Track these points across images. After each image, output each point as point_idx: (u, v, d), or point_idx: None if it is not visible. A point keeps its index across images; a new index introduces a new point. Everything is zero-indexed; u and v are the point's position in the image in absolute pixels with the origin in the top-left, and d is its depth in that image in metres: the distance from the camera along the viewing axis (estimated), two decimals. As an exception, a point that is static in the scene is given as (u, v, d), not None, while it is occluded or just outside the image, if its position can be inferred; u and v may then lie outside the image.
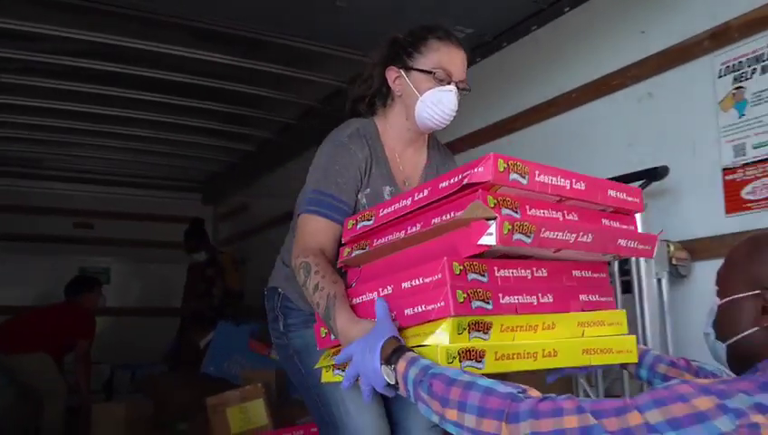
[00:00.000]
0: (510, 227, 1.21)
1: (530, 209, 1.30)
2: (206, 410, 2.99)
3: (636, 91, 2.66)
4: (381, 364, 1.24)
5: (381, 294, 1.39)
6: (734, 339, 1.18)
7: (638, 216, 2.32)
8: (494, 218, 1.21)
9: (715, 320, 1.23)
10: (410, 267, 1.36)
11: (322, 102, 4.59)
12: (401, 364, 1.21)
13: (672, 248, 2.35)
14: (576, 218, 1.39)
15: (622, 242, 1.44)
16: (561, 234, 1.30)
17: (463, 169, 1.28)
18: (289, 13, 3.15)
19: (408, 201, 1.40)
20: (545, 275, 1.40)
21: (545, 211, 1.34)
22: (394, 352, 1.24)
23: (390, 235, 1.45)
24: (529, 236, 1.24)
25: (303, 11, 3.13)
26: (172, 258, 6.21)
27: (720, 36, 2.36)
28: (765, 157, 2.21)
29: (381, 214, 1.47)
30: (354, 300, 1.46)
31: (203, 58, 3.82)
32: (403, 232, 1.42)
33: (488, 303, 1.29)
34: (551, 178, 1.31)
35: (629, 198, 1.49)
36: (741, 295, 1.18)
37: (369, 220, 1.52)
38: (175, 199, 6.75)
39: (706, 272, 2.35)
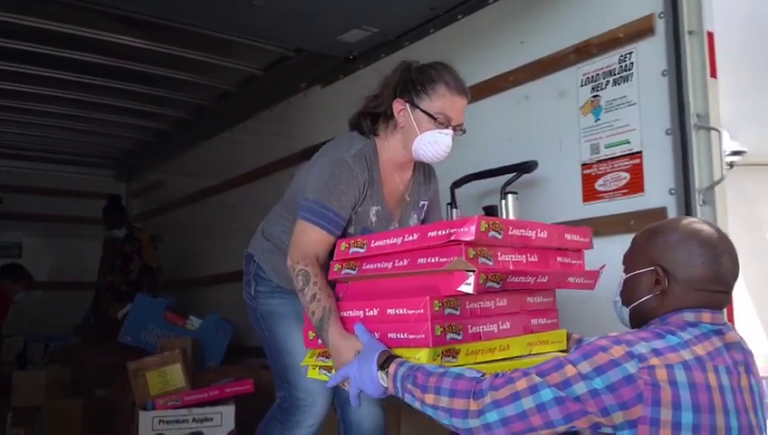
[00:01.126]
0: (485, 277, 1.51)
1: (501, 256, 1.58)
2: (127, 375, 3.23)
3: (515, 93, 3.03)
4: (377, 370, 1.53)
5: (367, 314, 1.66)
6: (635, 304, 1.48)
7: (512, 200, 2.74)
8: (474, 271, 1.50)
9: (621, 290, 1.53)
10: (395, 296, 1.62)
11: (237, 87, 4.82)
12: (393, 366, 1.51)
13: (538, 231, 2.76)
14: (536, 259, 1.68)
15: (571, 279, 1.78)
16: (523, 278, 1.62)
17: (449, 225, 1.55)
18: (208, 6, 3.37)
19: (399, 241, 1.65)
20: (505, 304, 1.70)
21: (513, 256, 1.62)
22: (386, 359, 1.53)
23: (379, 263, 1.69)
24: (498, 284, 1.55)
25: (222, 5, 3.36)
26: (84, 233, 6.30)
27: (582, 51, 2.76)
28: (614, 155, 2.64)
29: (373, 245, 1.70)
30: (341, 313, 1.73)
31: (121, 42, 3.97)
32: (390, 264, 1.67)
33: (459, 334, 1.58)
34: (520, 231, 1.61)
35: (581, 239, 1.82)
36: (640, 271, 1.46)
37: (361, 248, 1.74)
38: (88, 175, 6.78)
39: (567, 251, 2.80)
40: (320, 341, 1.75)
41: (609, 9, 2.67)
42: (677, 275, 1.39)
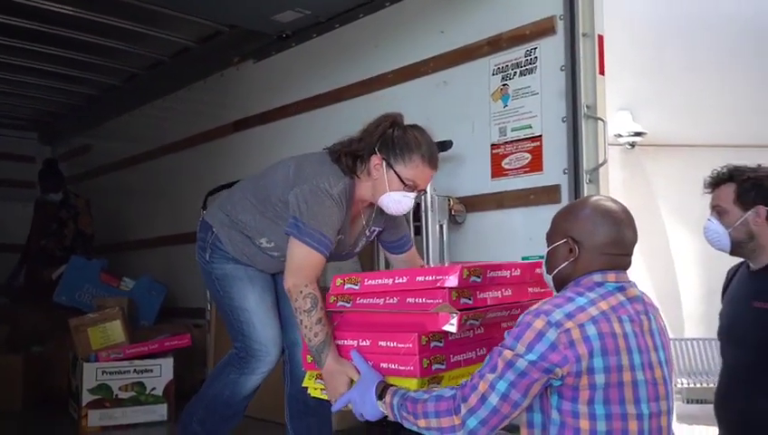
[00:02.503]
0: (467, 317, 1.75)
1: (480, 294, 1.82)
2: (68, 330, 3.43)
3: (435, 78, 3.36)
4: (377, 400, 1.76)
5: (360, 344, 1.88)
6: (555, 271, 1.72)
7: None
8: (457, 314, 1.73)
9: (545, 260, 1.78)
10: (386, 330, 1.84)
11: (170, 57, 4.95)
12: (388, 397, 1.73)
13: (452, 202, 3.11)
14: (510, 293, 1.91)
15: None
16: (499, 313, 1.86)
17: (436, 271, 1.80)
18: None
19: (390, 281, 1.87)
20: (482, 332, 1.93)
21: (490, 292, 1.84)
22: (383, 390, 1.77)
23: (371, 299, 1.91)
24: (478, 321, 1.81)
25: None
26: (6, 196, 6.28)
27: (494, 44, 3.12)
28: (518, 138, 3.02)
29: (366, 283, 1.92)
30: (335, 341, 1.95)
31: (49, 8, 4.00)
32: (382, 300, 1.88)
33: (443, 363, 1.81)
34: (496, 272, 1.86)
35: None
36: (557, 244, 1.71)
37: (355, 285, 1.94)
38: (9, 137, 6.72)
39: (476, 221, 3.18)
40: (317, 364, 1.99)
41: (518, 8, 3.03)
42: (585, 243, 1.66)
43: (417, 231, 3.08)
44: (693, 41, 8.71)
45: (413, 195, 2.15)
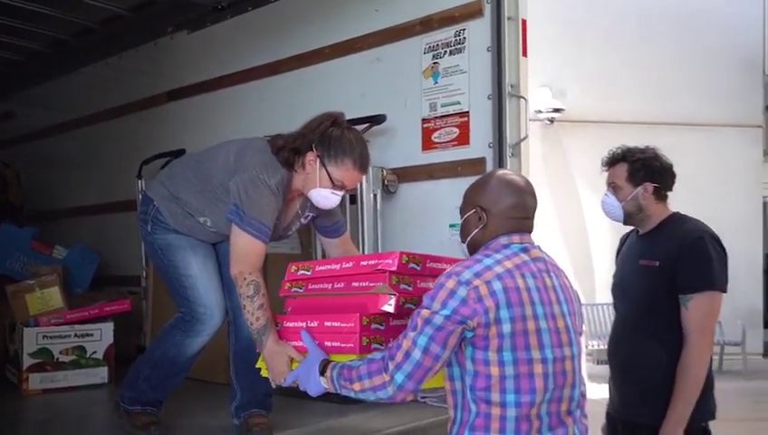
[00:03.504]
0: (404, 300, 1.92)
1: (420, 283, 1.97)
2: (5, 297, 3.47)
3: (369, 55, 3.51)
4: (320, 376, 1.93)
5: (309, 326, 2.04)
6: (468, 238, 1.92)
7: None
8: (394, 295, 1.91)
9: (460, 230, 1.98)
10: (332, 312, 2.00)
11: (100, 24, 4.89)
12: (329, 371, 1.90)
13: (385, 173, 3.31)
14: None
15: None
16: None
17: (378, 256, 1.97)
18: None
19: (338, 267, 2.06)
20: None
21: (430, 282, 1.92)
22: (325, 366, 1.93)
23: (322, 284, 2.09)
24: (414, 305, 1.92)
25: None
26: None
27: (426, 24, 3.30)
28: (447, 113, 3.22)
29: (317, 269, 2.10)
30: (287, 323, 2.12)
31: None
32: (331, 285, 2.06)
33: (382, 344, 1.95)
34: (436, 263, 2.02)
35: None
36: (468, 213, 1.91)
37: (307, 271, 2.12)
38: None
39: (408, 191, 3.39)
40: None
41: (449, -9, 3.22)
42: (492, 210, 1.87)
43: (353, 200, 3.26)
44: (610, 22, 9.18)
45: (341, 193, 2.31)
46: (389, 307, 1.91)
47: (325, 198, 2.31)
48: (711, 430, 2.40)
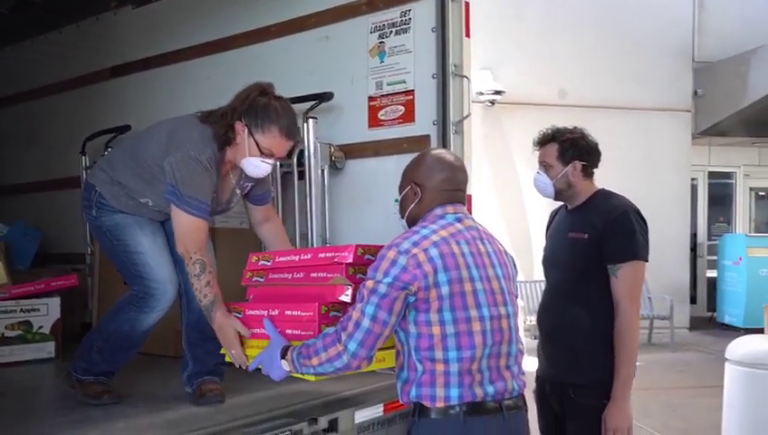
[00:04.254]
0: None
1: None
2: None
3: (317, 33, 3.55)
4: (281, 360, 2.03)
5: (270, 314, 2.13)
6: (406, 213, 2.08)
7: (312, 124, 3.32)
8: (351, 286, 2.01)
9: (399, 207, 2.14)
10: (293, 301, 2.10)
11: (38, -6, 4.80)
12: (289, 354, 2.01)
13: (333, 149, 3.39)
14: None
15: None
16: None
17: (335, 249, 2.08)
18: None
19: (297, 258, 2.15)
20: None
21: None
22: (286, 351, 2.03)
23: (282, 274, 2.17)
24: None
25: None
26: None
27: (372, 4, 3.36)
28: (393, 91, 3.31)
29: (277, 260, 2.19)
30: (249, 311, 2.20)
31: None
32: (291, 275, 2.15)
33: None
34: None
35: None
36: (405, 190, 2.08)
37: (268, 261, 2.22)
38: None
39: (354, 167, 3.48)
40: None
41: (395, -30, 3.30)
42: (426, 184, 2.03)
43: (301, 175, 3.34)
44: (549, 7, 9.40)
45: (271, 161, 2.38)
46: (346, 297, 2.05)
47: (256, 166, 2.38)
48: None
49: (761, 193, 12.47)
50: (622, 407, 2.46)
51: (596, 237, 2.52)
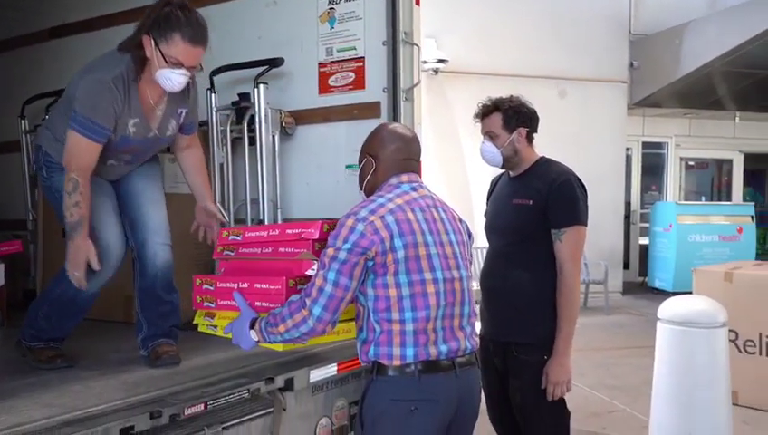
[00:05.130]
0: None
1: None
2: None
3: (264, -3, 3.56)
4: (250, 330, 2.09)
5: (240, 287, 2.18)
6: (364, 184, 2.18)
7: (263, 90, 3.32)
8: (317, 260, 2.06)
9: (358, 181, 2.21)
10: (262, 274, 2.15)
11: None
12: (257, 325, 2.08)
13: (283, 115, 3.40)
14: None
15: None
16: None
17: (302, 226, 2.14)
18: None
19: (266, 233, 2.23)
20: None
21: None
22: (255, 322, 2.09)
23: (251, 248, 2.24)
24: None
25: None
26: None
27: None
28: (343, 58, 3.35)
29: (246, 235, 2.26)
30: (220, 284, 2.24)
31: None
32: (260, 250, 2.22)
33: None
34: None
35: None
36: (362, 162, 2.19)
37: (238, 236, 2.29)
38: None
39: (305, 133, 3.50)
40: (205, 304, 2.34)
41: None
42: (380, 155, 2.14)
43: (252, 141, 3.34)
44: (491, -23, 9.45)
45: (182, 72, 2.33)
46: (312, 271, 2.12)
47: (167, 78, 2.35)
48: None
49: (690, 163, 12.96)
50: (563, 362, 2.60)
51: (540, 204, 2.63)
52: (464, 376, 2.04)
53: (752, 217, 10.54)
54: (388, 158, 2.13)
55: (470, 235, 2.25)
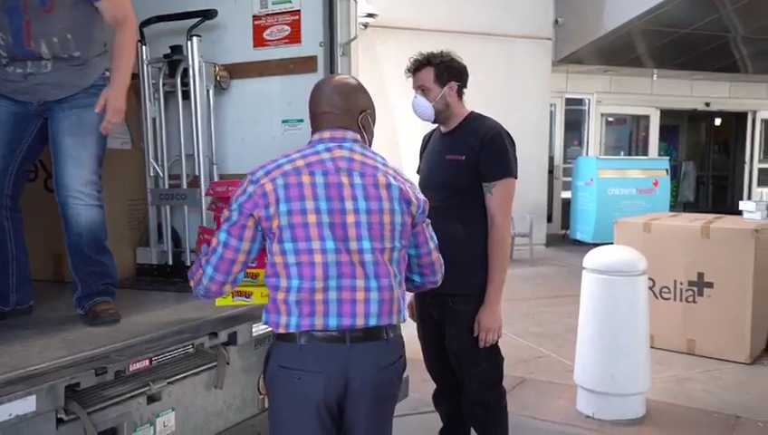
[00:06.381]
0: None
1: None
2: None
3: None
4: None
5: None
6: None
7: (196, 42, 3.23)
8: None
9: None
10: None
11: None
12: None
13: (217, 69, 3.34)
14: None
15: None
16: None
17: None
18: None
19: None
20: None
21: None
22: None
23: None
24: None
25: None
26: None
27: None
28: (279, 11, 3.29)
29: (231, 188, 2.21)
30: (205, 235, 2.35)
31: None
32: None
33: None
34: None
35: None
36: (311, 117, 2.07)
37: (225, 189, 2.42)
38: None
39: (240, 87, 3.45)
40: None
41: None
42: (312, 110, 2.07)
43: (185, 95, 3.27)
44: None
45: None
46: None
47: None
48: None
49: (610, 119, 13.39)
50: (494, 309, 2.72)
51: (473, 158, 2.71)
52: (357, 351, 1.90)
53: (666, 170, 11.05)
54: (316, 113, 2.05)
55: (409, 201, 1.99)
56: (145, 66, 3.29)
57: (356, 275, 1.89)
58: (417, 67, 2.78)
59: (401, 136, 8.90)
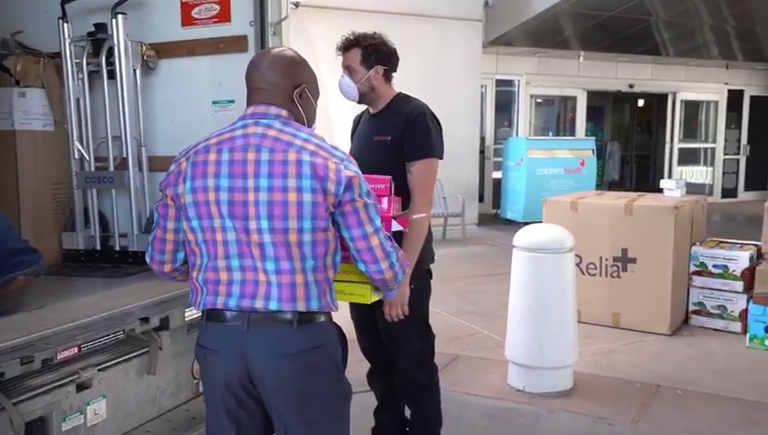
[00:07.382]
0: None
1: None
2: None
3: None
4: None
5: None
6: None
7: (121, 20, 3.13)
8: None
9: None
10: None
11: None
12: None
13: (144, 48, 3.25)
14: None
15: None
16: None
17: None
18: None
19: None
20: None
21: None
22: None
23: None
24: None
25: None
26: None
27: None
28: (209, -10, 3.24)
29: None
30: None
31: None
32: None
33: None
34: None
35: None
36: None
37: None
38: None
39: (168, 67, 3.37)
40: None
41: None
42: (247, 85, 1.99)
43: (111, 75, 3.18)
44: None
45: None
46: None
47: None
48: (432, 270, 2.92)
49: (539, 100, 13.67)
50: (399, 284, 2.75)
51: (398, 139, 2.73)
52: (255, 335, 1.84)
53: (593, 150, 11.38)
54: (248, 89, 1.98)
55: (324, 178, 1.81)
56: (67, 45, 3.17)
57: (254, 256, 1.83)
58: (345, 47, 2.79)
59: (334, 118, 8.87)
